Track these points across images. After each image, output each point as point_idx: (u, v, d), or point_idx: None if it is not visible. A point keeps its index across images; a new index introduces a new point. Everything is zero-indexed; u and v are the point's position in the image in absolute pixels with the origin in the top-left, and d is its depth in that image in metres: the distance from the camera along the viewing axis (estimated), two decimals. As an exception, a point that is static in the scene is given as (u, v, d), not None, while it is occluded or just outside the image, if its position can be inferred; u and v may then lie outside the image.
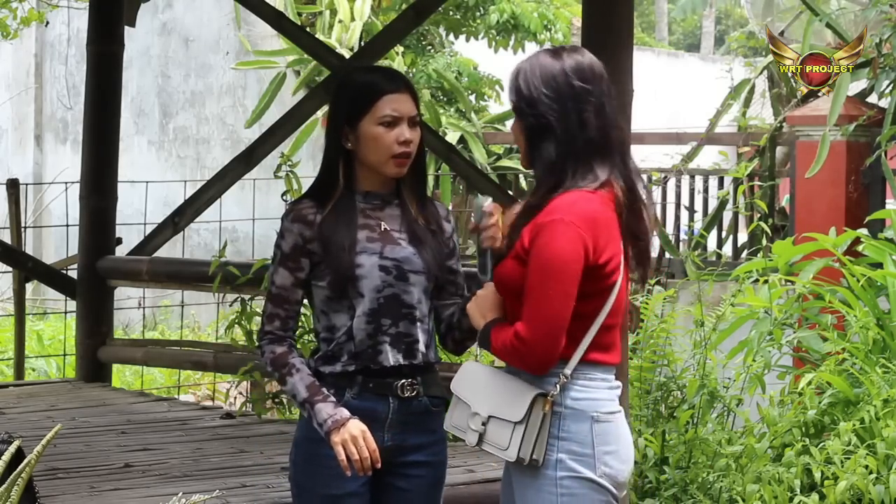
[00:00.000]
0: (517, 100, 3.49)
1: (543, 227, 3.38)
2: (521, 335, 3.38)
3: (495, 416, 3.45)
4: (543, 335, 3.36)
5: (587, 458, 3.43)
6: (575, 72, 3.47)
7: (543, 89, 3.45)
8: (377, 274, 3.65)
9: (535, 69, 3.48)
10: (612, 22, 6.26)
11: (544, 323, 3.36)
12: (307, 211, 3.70)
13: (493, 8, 15.77)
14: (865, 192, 11.34)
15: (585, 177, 3.43)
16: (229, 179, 8.94)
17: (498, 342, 3.46)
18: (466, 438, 3.51)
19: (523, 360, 3.41)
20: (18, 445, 3.21)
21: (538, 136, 3.46)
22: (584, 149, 3.44)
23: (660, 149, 13.83)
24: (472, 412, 3.50)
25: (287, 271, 3.70)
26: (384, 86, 3.69)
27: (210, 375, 10.50)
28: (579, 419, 3.43)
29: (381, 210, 3.72)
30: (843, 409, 6.54)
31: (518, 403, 3.42)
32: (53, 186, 14.75)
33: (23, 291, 9.55)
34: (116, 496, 5.58)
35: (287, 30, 9.34)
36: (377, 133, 3.67)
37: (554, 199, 3.41)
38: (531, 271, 3.38)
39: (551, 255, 3.36)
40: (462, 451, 6.52)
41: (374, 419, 3.68)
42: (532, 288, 3.38)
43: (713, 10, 30.99)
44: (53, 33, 18.06)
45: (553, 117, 3.44)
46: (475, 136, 14.86)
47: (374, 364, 3.67)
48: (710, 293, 7.56)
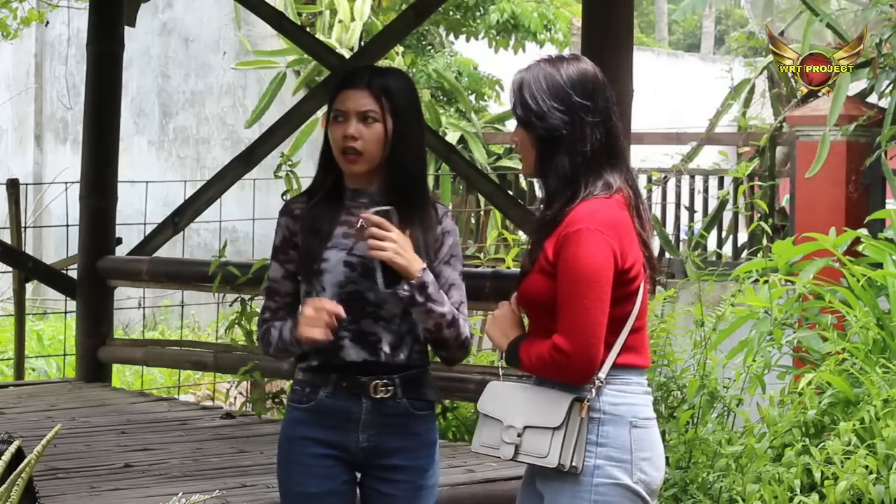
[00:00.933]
0: (524, 113, 3.47)
1: (569, 237, 3.37)
2: (562, 347, 3.36)
3: (531, 426, 3.42)
4: (584, 345, 3.35)
5: (625, 464, 3.41)
6: (581, 82, 3.47)
7: (552, 102, 3.44)
8: (341, 269, 3.66)
9: (541, 81, 3.46)
10: (612, 22, 6.27)
11: (583, 333, 3.35)
12: (295, 205, 3.77)
13: (493, 8, 15.77)
14: (865, 192, 11.34)
15: (599, 185, 3.44)
16: (229, 179, 8.94)
17: (532, 357, 3.43)
18: (501, 453, 3.45)
19: (565, 372, 3.38)
20: (18, 445, 3.21)
21: (550, 147, 3.45)
22: (595, 158, 3.44)
23: (660, 149, 13.83)
24: (505, 426, 3.45)
25: (278, 264, 3.76)
26: (342, 82, 3.73)
27: (210, 375, 10.50)
28: (618, 424, 3.42)
29: (365, 209, 3.69)
30: (843, 409, 6.54)
31: (555, 409, 3.40)
32: (53, 186, 14.74)
33: (23, 291, 9.55)
34: (116, 496, 5.58)
35: (287, 30, 9.34)
36: (330, 129, 3.72)
37: (572, 210, 3.41)
38: (563, 282, 3.37)
39: (582, 264, 3.35)
40: (462, 452, 6.51)
41: (348, 419, 3.68)
42: (566, 299, 3.36)
43: (713, 10, 30.99)
44: (53, 33, 18.05)
45: (566, 130, 3.43)
46: (475, 136, 14.86)
47: (336, 359, 3.67)
48: (710, 293, 7.55)
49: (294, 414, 3.73)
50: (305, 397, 3.71)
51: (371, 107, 3.68)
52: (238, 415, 7.57)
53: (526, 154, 3.51)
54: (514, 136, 3.53)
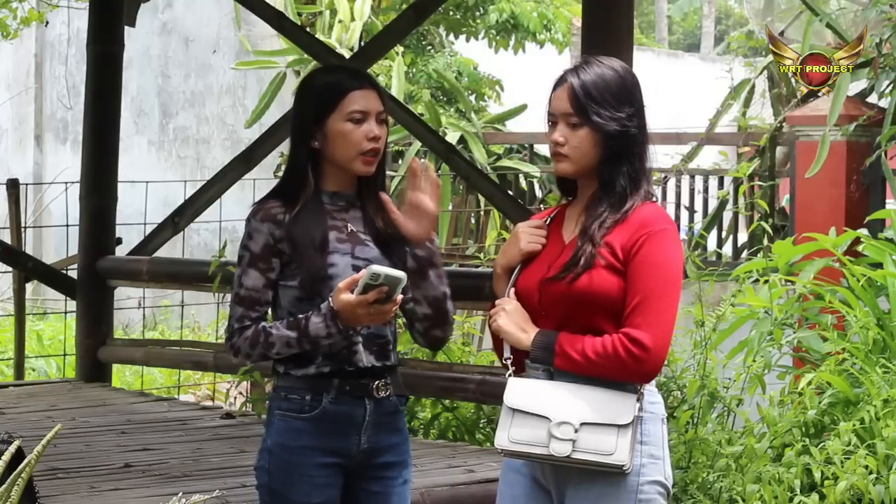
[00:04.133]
0: (599, 114, 3.42)
1: (656, 235, 3.38)
2: (643, 342, 3.32)
3: (591, 423, 3.35)
4: (665, 342, 3.35)
5: (659, 462, 3.42)
6: (637, 82, 3.50)
7: (621, 101, 3.44)
8: (350, 273, 3.60)
9: (608, 83, 3.44)
10: (612, 22, 6.27)
11: (666, 330, 3.36)
12: (276, 210, 3.66)
13: (493, 8, 15.77)
14: (865, 192, 11.34)
15: (649, 187, 3.48)
16: (229, 179, 8.94)
17: (588, 351, 3.37)
18: (552, 450, 3.35)
19: (640, 368, 3.34)
20: (18, 445, 3.21)
21: (620, 147, 3.44)
22: (647, 162, 3.48)
23: (660, 149, 13.70)
24: (556, 423, 3.35)
25: (258, 272, 3.64)
26: (350, 83, 3.69)
27: (210, 375, 10.50)
28: (655, 422, 3.43)
29: (346, 212, 3.70)
30: (843, 409, 6.53)
31: (620, 406, 3.36)
32: (53, 186, 14.74)
33: (23, 291, 9.55)
34: (116, 496, 5.58)
35: (287, 30, 9.34)
36: (346, 129, 3.65)
37: (637, 211, 3.42)
38: (651, 279, 3.36)
39: (671, 263, 3.38)
40: (462, 452, 6.52)
41: (352, 423, 3.65)
42: (653, 295, 3.35)
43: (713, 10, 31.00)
44: (53, 33, 18.05)
45: (635, 129, 3.44)
46: (475, 136, 14.85)
47: (350, 365, 3.64)
48: (710, 293, 7.54)
49: (292, 423, 3.65)
50: (307, 406, 3.64)
51: (383, 108, 3.71)
52: (238, 415, 7.58)
53: (584, 156, 3.46)
54: (560, 136, 3.47)
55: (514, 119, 15.52)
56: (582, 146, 3.46)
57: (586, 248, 3.42)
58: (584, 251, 3.42)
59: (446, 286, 3.70)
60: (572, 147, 3.46)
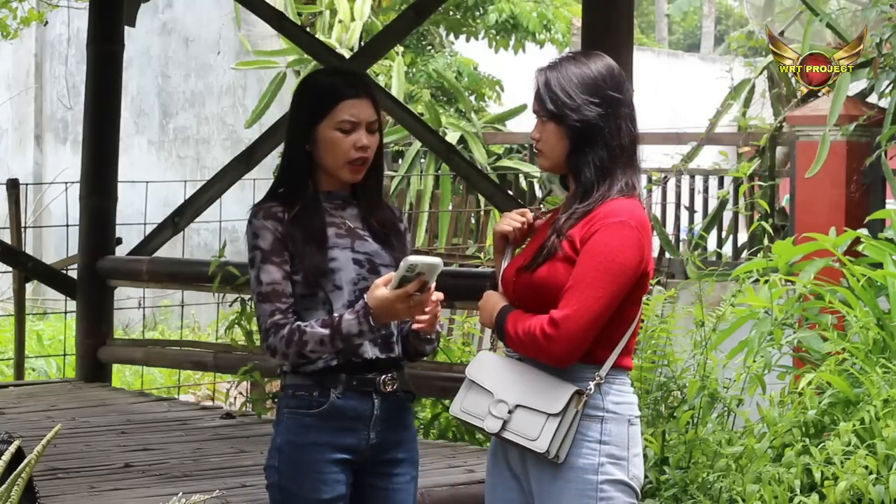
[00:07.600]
0: (557, 106, 3.45)
1: (608, 226, 3.37)
2: (557, 320, 3.34)
3: (525, 406, 3.41)
4: (579, 328, 3.34)
5: (622, 462, 3.44)
6: (610, 76, 3.49)
7: (586, 95, 3.44)
8: (352, 267, 3.66)
9: (571, 75, 3.46)
10: (612, 22, 6.27)
11: (586, 317, 3.34)
12: (276, 209, 3.70)
13: (492, 8, 15.77)
14: (865, 192, 11.34)
15: (625, 183, 3.45)
16: (229, 179, 8.94)
17: (519, 329, 3.42)
18: (485, 425, 3.46)
19: (547, 347, 3.37)
20: (18, 445, 3.21)
21: (584, 140, 3.45)
22: (625, 152, 3.46)
23: (660, 149, 13.81)
24: (495, 399, 3.44)
25: (275, 266, 3.66)
26: (344, 90, 3.70)
27: (210, 375, 10.49)
28: (619, 422, 3.44)
29: (342, 210, 3.75)
30: (843, 409, 6.53)
31: (555, 396, 3.39)
32: (53, 186, 14.74)
33: (23, 291, 9.55)
34: (116, 496, 5.58)
35: (287, 30, 9.34)
36: (335, 138, 3.68)
37: (603, 204, 3.41)
38: (587, 265, 3.36)
39: (614, 255, 3.36)
40: (462, 452, 6.52)
41: (360, 418, 3.67)
42: (583, 280, 3.35)
43: (713, 10, 30.99)
44: (53, 33, 18.05)
45: (601, 122, 3.44)
46: (475, 136, 14.86)
47: (356, 357, 3.65)
48: (710, 293, 7.54)
49: (301, 420, 3.67)
50: (315, 401, 3.65)
51: (375, 117, 3.73)
52: (238, 415, 7.58)
53: (552, 149, 3.50)
54: (536, 132, 3.52)
55: (514, 119, 15.53)
56: (549, 140, 3.49)
57: (551, 238, 3.45)
58: (549, 242, 3.45)
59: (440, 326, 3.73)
60: (543, 142, 3.51)
